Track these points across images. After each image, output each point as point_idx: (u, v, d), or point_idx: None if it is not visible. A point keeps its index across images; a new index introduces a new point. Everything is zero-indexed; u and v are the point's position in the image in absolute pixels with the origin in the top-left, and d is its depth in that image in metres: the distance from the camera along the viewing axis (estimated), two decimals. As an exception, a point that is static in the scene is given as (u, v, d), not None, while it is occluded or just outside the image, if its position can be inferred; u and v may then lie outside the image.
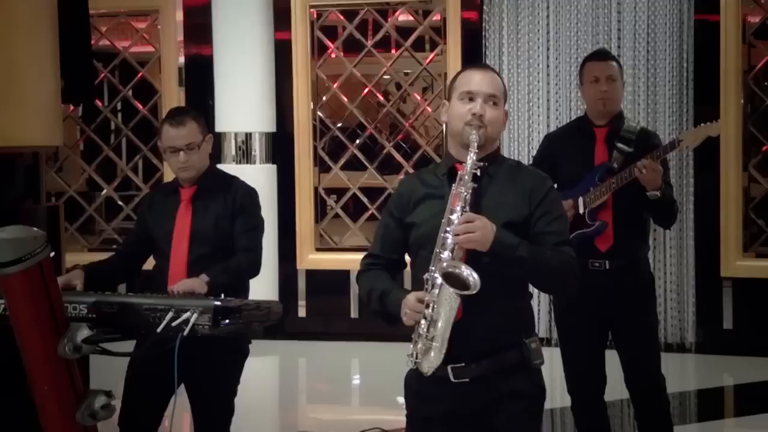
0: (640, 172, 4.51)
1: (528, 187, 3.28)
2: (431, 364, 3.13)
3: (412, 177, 3.51)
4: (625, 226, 4.67)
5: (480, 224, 3.10)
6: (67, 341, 3.17)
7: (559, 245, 3.23)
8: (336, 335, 8.72)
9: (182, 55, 9.16)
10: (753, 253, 8.17)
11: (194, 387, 4.23)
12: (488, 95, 3.27)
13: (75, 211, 9.36)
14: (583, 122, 4.90)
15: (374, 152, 9.02)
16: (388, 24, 8.90)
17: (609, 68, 4.75)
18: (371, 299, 3.34)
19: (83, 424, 3.20)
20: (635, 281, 4.69)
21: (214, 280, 4.07)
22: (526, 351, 3.23)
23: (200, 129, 4.37)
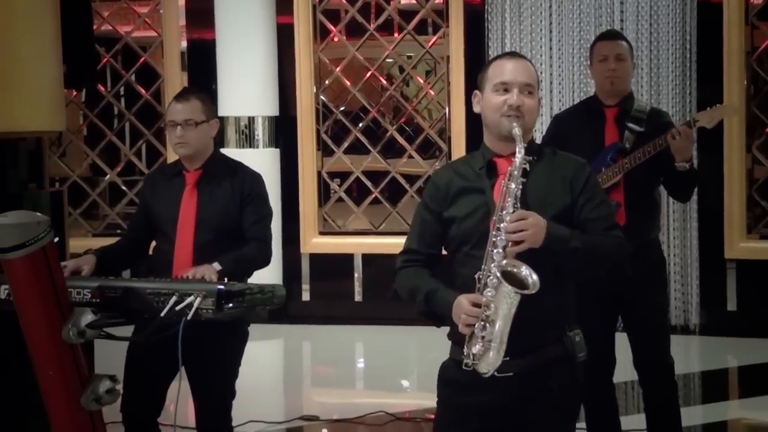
0: (673, 138, 4.46)
1: (569, 175, 3.24)
2: (490, 365, 3.07)
3: (446, 169, 3.44)
4: (636, 206, 4.65)
5: (533, 221, 3.06)
6: (71, 326, 3.18)
7: (608, 230, 3.22)
8: (340, 319, 8.72)
9: (185, 39, 9.15)
10: (757, 235, 8.17)
11: (195, 370, 4.24)
12: (524, 84, 3.23)
13: (78, 196, 9.37)
14: (592, 102, 4.87)
15: (377, 136, 9.01)
16: (390, 7, 8.88)
17: (618, 47, 4.73)
18: (416, 300, 3.26)
19: (88, 408, 3.20)
20: (647, 263, 4.65)
21: (225, 269, 4.07)
22: (570, 344, 3.22)
23: (204, 109, 4.37)
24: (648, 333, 4.70)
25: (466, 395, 3.22)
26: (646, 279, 4.65)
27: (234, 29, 8.61)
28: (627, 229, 4.57)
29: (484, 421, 3.23)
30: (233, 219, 4.32)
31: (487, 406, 3.20)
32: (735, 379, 7.49)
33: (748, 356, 7.64)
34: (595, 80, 4.85)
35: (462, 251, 3.25)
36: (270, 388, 7.24)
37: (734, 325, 8.09)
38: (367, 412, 6.11)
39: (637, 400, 6.24)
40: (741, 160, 8.05)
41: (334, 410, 6.44)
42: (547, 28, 8.35)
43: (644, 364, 4.73)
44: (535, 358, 3.16)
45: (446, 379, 3.33)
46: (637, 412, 5.96)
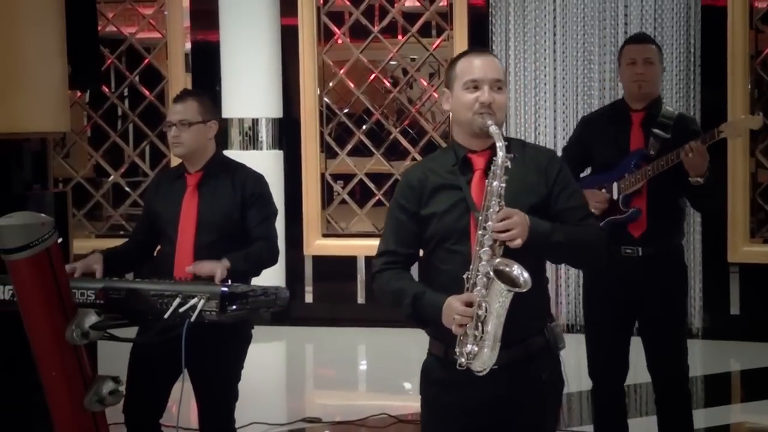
0: (686, 155, 4.41)
1: (542, 166, 3.27)
2: (486, 363, 3.09)
3: (418, 167, 3.43)
4: (659, 213, 4.61)
5: (518, 219, 3.08)
6: (75, 327, 3.18)
7: (586, 218, 3.26)
8: (343, 321, 8.73)
9: (189, 41, 9.16)
10: (760, 239, 8.17)
11: (198, 372, 4.24)
12: (494, 81, 3.24)
13: (82, 197, 9.37)
14: (619, 106, 4.81)
15: (381, 138, 9.02)
16: (394, 10, 8.88)
17: (646, 51, 4.66)
18: (402, 304, 3.25)
19: (91, 409, 3.20)
20: (667, 269, 4.64)
21: (234, 266, 4.07)
22: (551, 335, 3.25)
23: (200, 110, 4.37)
24: (664, 341, 4.65)
25: (452, 393, 3.23)
26: (666, 286, 4.63)
27: (238, 31, 8.62)
28: (648, 235, 4.58)
29: (472, 417, 3.24)
30: (235, 220, 4.32)
31: (474, 401, 3.21)
32: (738, 382, 7.49)
33: (750, 360, 7.64)
34: (623, 83, 4.79)
35: (443, 247, 3.25)
36: (273, 390, 7.25)
37: (737, 329, 8.09)
38: (369, 414, 6.11)
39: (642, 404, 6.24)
40: (744, 164, 8.05)
41: (336, 412, 6.44)
42: (551, 30, 8.36)
43: (659, 373, 4.69)
44: (520, 350, 3.19)
45: (430, 377, 3.34)
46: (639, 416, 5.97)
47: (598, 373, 4.75)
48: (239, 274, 3.99)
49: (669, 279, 4.65)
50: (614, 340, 4.66)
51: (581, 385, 6.20)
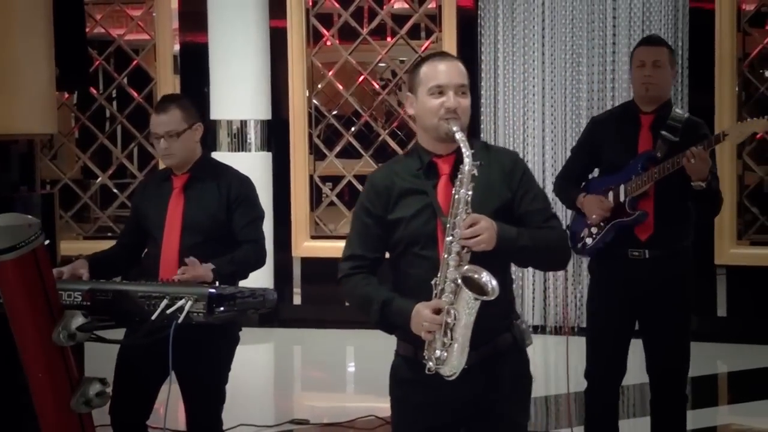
0: (688, 160, 4.39)
1: (506, 168, 3.28)
2: (455, 368, 3.12)
3: (383, 171, 3.43)
4: (666, 216, 4.60)
5: (485, 225, 3.10)
6: (61, 329, 3.17)
7: (549, 220, 3.28)
8: (331, 323, 8.71)
9: (178, 42, 9.15)
10: (747, 241, 8.19)
11: (185, 374, 4.23)
12: (458, 86, 3.25)
13: (70, 198, 9.36)
14: (629, 108, 4.80)
15: (370, 140, 9.02)
16: (383, 11, 8.89)
17: (656, 53, 4.64)
18: (370, 310, 3.27)
19: (78, 411, 3.19)
20: (674, 273, 4.63)
21: (219, 269, 4.07)
22: (518, 332, 3.29)
23: (184, 117, 4.34)
24: (667, 344, 4.64)
25: (422, 392, 3.25)
26: (670, 289, 4.63)
27: (227, 33, 8.62)
28: (655, 238, 4.57)
29: (442, 415, 3.27)
30: (220, 222, 4.32)
31: (444, 400, 3.23)
32: (725, 384, 7.51)
33: (738, 362, 7.66)
34: (632, 86, 4.79)
35: (411, 252, 3.26)
36: (260, 392, 7.24)
37: (724, 331, 8.10)
38: (357, 416, 6.12)
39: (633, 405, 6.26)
40: (732, 166, 8.06)
41: (324, 414, 6.44)
42: (539, 33, 8.37)
43: (658, 374, 4.68)
44: (489, 349, 3.21)
45: (399, 378, 3.35)
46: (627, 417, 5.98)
47: (595, 374, 4.75)
48: (225, 278, 3.99)
49: (676, 282, 4.64)
50: (615, 342, 4.66)
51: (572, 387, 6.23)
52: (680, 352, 4.67)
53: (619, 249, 4.63)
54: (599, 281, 4.76)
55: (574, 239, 4.81)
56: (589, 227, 4.72)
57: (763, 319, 8.07)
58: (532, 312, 8.42)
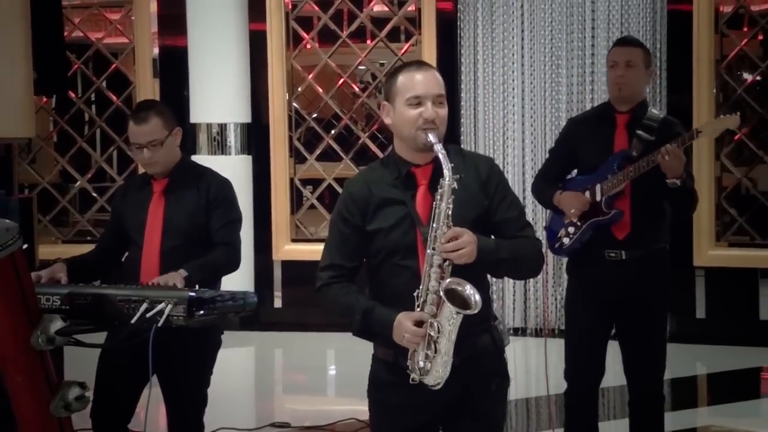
0: (663, 158, 4.42)
1: (483, 176, 3.29)
2: (438, 378, 3.14)
3: (359, 179, 3.42)
4: (643, 215, 4.61)
5: (468, 239, 3.11)
6: (40, 333, 3.16)
7: (522, 229, 3.30)
8: (312, 326, 8.70)
9: (156, 46, 9.12)
10: (725, 243, 8.22)
11: (167, 377, 4.23)
12: (436, 96, 3.25)
13: (48, 202, 9.32)
14: (605, 108, 4.82)
15: (350, 143, 9.02)
16: (363, 14, 8.89)
17: (629, 53, 4.66)
18: (352, 319, 3.27)
19: (57, 415, 3.18)
20: (651, 275, 4.64)
21: (191, 276, 4.05)
22: (496, 333, 3.32)
23: (165, 124, 4.32)
24: (643, 345, 4.65)
25: (401, 394, 3.25)
26: (647, 290, 4.64)
27: (206, 36, 8.60)
28: (632, 237, 4.58)
29: (423, 416, 3.28)
30: (200, 224, 4.31)
31: (424, 401, 3.23)
32: (704, 386, 7.54)
33: (716, 363, 7.69)
34: (607, 86, 4.82)
35: (390, 262, 3.27)
36: (241, 395, 7.23)
37: (703, 332, 8.14)
38: (338, 419, 6.11)
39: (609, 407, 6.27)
40: (710, 168, 8.10)
41: (305, 417, 6.43)
42: (519, 35, 8.39)
43: (635, 375, 4.69)
44: (467, 351, 3.22)
45: (379, 382, 3.37)
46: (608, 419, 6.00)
47: (573, 375, 4.76)
48: (199, 282, 3.97)
49: (652, 283, 4.65)
50: (593, 343, 4.67)
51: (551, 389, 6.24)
52: (657, 353, 4.69)
53: (596, 249, 4.64)
54: (577, 283, 4.78)
55: (551, 239, 4.82)
56: (566, 227, 4.73)
57: (741, 320, 8.12)
58: (513, 314, 8.43)
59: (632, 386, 4.73)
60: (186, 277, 4.02)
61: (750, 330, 8.04)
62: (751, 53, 8.23)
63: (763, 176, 8.34)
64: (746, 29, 8.29)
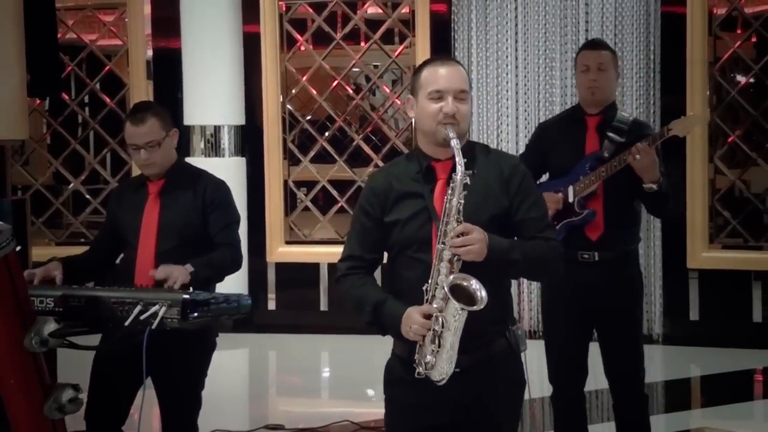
0: (634, 157, 4.44)
1: (505, 175, 3.28)
2: (444, 373, 3.14)
3: (381, 173, 3.46)
4: (615, 215, 4.62)
5: (477, 236, 3.11)
6: (33, 335, 3.15)
7: (543, 231, 3.27)
8: (305, 328, 8.72)
9: (150, 48, 9.12)
10: (719, 245, 8.23)
11: (161, 380, 4.22)
12: (458, 91, 3.26)
13: (42, 204, 9.31)
14: (576, 111, 4.85)
15: (344, 145, 9.02)
16: (357, 17, 8.90)
17: (600, 57, 4.69)
18: (363, 310, 3.28)
19: (51, 417, 3.18)
20: (624, 275, 4.66)
21: (197, 271, 4.05)
22: (513, 338, 3.28)
23: (162, 125, 4.33)
24: (621, 345, 4.67)
25: (415, 392, 3.25)
26: (623, 291, 4.65)
27: (200, 38, 8.60)
28: (605, 239, 4.59)
29: (435, 417, 3.27)
30: (195, 227, 4.31)
31: (437, 401, 3.23)
32: (698, 388, 7.54)
33: (710, 365, 7.69)
34: (577, 89, 4.83)
35: (405, 254, 3.29)
36: (235, 397, 7.22)
37: (697, 334, 8.15)
38: (332, 421, 6.11)
39: (602, 409, 6.28)
40: (703, 170, 8.11)
41: (299, 419, 6.42)
42: (513, 37, 8.40)
43: (615, 376, 4.71)
44: (481, 354, 3.22)
45: (393, 378, 3.37)
46: (601, 422, 6.00)
47: (557, 379, 4.77)
48: (203, 280, 3.97)
49: (625, 284, 4.67)
50: (572, 345, 4.68)
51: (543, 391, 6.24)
52: (634, 353, 4.70)
53: (569, 251, 4.62)
54: (550, 285, 4.78)
55: None
56: None
57: (735, 322, 8.13)
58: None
59: (613, 389, 4.74)
60: (192, 273, 4.01)
61: (743, 332, 8.05)
62: (744, 55, 8.24)
63: (757, 178, 8.35)
64: (740, 31, 8.30)
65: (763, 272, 8.04)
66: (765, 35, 8.16)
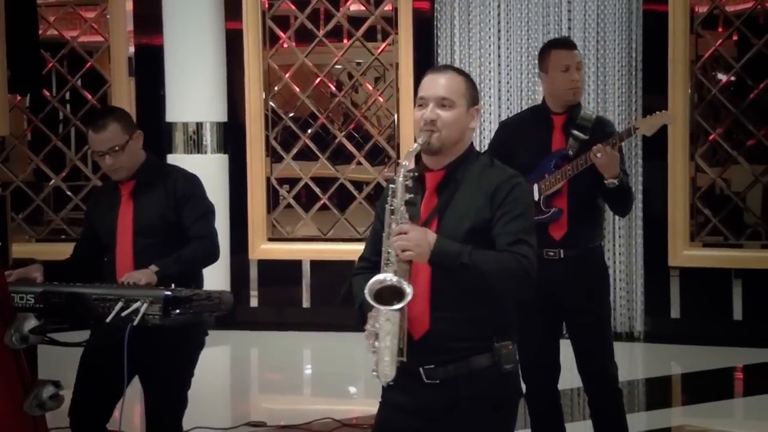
0: (595, 156, 4.46)
1: (492, 188, 3.22)
2: (385, 376, 3.15)
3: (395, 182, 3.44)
4: (579, 214, 4.65)
5: (414, 236, 3.10)
6: (14, 331, 3.15)
7: (513, 245, 3.15)
8: (288, 325, 8.71)
9: (132, 44, 9.08)
10: (700, 243, 8.26)
11: (148, 378, 4.22)
12: (439, 98, 3.24)
13: (22, 201, 9.26)
14: (540, 110, 4.84)
15: (326, 142, 9.01)
16: (339, 14, 8.89)
17: (577, 57, 4.71)
18: (354, 307, 3.34)
19: (31, 414, 3.17)
20: (589, 271, 4.68)
21: (163, 270, 4.05)
22: (497, 355, 3.21)
23: (124, 129, 4.32)
24: (591, 342, 4.69)
25: (402, 396, 3.26)
26: (589, 287, 4.67)
27: (182, 35, 8.57)
28: (569, 236, 4.62)
29: (414, 423, 3.26)
30: (171, 222, 4.31)
31: (417, 408, 3.24)
32: (678, 386, 7.57)
33: (691, 363, 7.72)
34: (552, 88, 4.74)
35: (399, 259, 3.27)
36: (217, 394, 7.21)
37: (678, 332, 8.18)
38: (314, 418, 6.10)
39: (583, 407, 6.29)
40: (684, 168, 8.14)
41: (281, 416, 6.43)
42: (495, 35, 8.41)
43: (588, 374, 4.72)
44: (460, 367, 3.19)
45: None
46: (583, 419, 6.02)
47: (530, 377, 4.76)
48: (172, 277, 3.96)
49: (591, 280, 4.69)
50: (542, 343, 4.69)
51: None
52: (603, 349, 4.71)
53: None
54: None
55: None
56: None
57: (716, 320, 8.16)
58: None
59: (587, 386, 4.76)
60: (157, 272, 4.01)
61: (724, 330, 8.08)
62: (725, 54, 8.27)
63: (737, 176, 8.39)
64: (721, 30, 8.33)
65: (743, 270, 8.08)
66: (746, 33, 8.19)
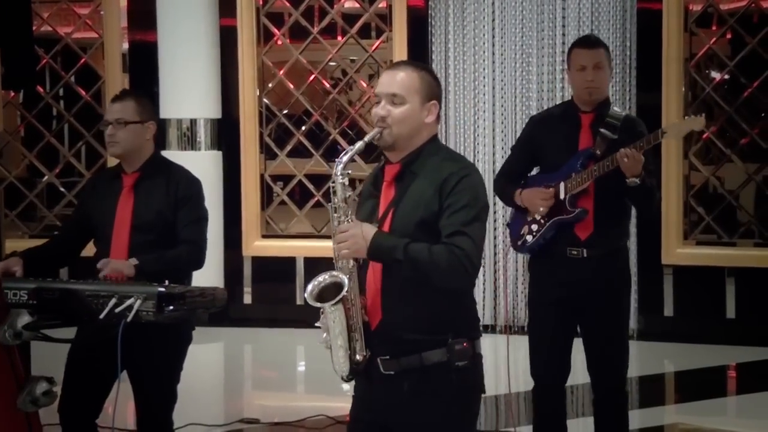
0: (622, 159, 4.42)
1: (440, 181, 3.21)
2: (340, 371, 3.24)
3: (370, 174, 3.48)
4: (606, 214, 4.60)
5: (351, 233, 3.14)
6: (7, 327, 3.14)
7: (451, 236, 3.14)
8: (281, 322, 8.71)
9: (126, 41, 9.08)
10: (693, 241, 8.27)
11: (136, 374, 4.21)
12: (389, 95, 3.25)
13: (16, 197, 9.25)
14: (569, 107, 4.79)
15: (320, 139, 9.01)
16: (334, 11, 8.88)
17: (596, 56, 4.64)
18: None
19: (25, 410, 3.17)
20: (612, 272, 4.64)
21: (143, 266, 4.04)
22: (450, 351, 3.20)
23: (138, 110, 4.34)
24: (605, 343, 4.66)
25: (364, 388, 3.34)
26: (610, 290, 4.64)
27: (176, 31, 8.56)
28: (594, 237, 4.57)
29: (370, 412, 3.31)
30: (168, 221, 4.30)
31: (378, 402, 3.27)
32: (672, 384, 7.59)
33: (684, 361, 7.74)
34: (572, 87, 4.76)
35: None
36: (211, 391, 7.21)
37: (671, 330, 8.19)
38: (307, 415, 6.11)
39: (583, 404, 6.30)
40: (678, 166, 8.14)
41: (274, 413, 6.43)
42: (490, 33, 8.41)
43: (598, 374, 4.70)
44: (413, 361, 3.21)
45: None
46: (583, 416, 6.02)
47: (539, 373, 4.75)
48: (152, 275, 3.94)
49: (613, 281, 4.65)
50: (557, 341, 4.67)
51: (519, 386, 6.26)
52: (618, 350, 4.70)
53: (557, 247, 4.63)
54: (538, 281, 4.77)
55: (513, 236, 4.82)
56: (529, 224, 4.72)
57: (709, 318, 8.17)
58: (483, 311, 8.45)
59: (596, 385, 4.74)
60: (137, 266, 4.01)
61: (717, 328, 8.09)
62: (719, 52, 8.28)
63: (731, 175, 8.39)
64: (715, 28, 8.34)
65: (736, 268, 8.09)
66: (740, 32, 8.20)
